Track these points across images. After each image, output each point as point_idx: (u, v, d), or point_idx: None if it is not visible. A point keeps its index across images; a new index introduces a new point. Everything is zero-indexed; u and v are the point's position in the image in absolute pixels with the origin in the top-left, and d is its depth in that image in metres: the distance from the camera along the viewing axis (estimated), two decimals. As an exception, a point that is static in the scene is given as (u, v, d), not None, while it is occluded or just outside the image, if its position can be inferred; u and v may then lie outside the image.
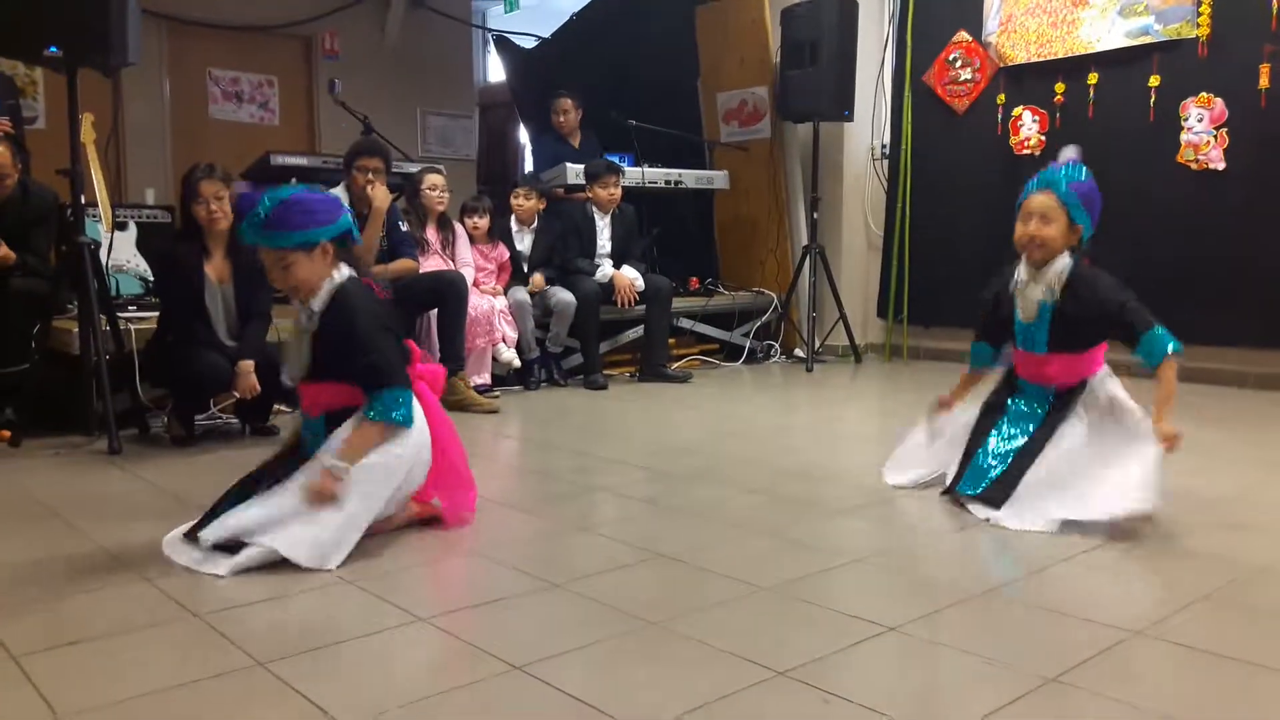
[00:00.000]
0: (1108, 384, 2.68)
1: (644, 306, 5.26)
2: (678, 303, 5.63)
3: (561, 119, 6.01)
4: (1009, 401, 2.74)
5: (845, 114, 5.86)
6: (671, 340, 5.62)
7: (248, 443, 3.60)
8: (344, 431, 2.29)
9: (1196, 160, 4.82)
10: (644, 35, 7.10)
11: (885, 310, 6.13)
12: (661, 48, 6.92)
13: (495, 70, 8.77)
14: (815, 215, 5.92)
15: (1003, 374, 2.83)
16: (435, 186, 4.66)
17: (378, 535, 2.40)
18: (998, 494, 2.55)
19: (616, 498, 2.89)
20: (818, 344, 5.97)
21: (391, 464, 2.29)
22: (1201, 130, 4.80)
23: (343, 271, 2.36)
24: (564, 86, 6.12)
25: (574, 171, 5.56)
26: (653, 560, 2.25)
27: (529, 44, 8.24)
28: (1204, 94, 4.79)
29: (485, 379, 4.63)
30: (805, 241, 6.01)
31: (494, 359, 4.71)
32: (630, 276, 5.21)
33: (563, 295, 4.92)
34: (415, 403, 2.35)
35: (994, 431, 2.69)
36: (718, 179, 6.26)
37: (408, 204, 4.73)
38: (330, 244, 2.33)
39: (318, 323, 2.33)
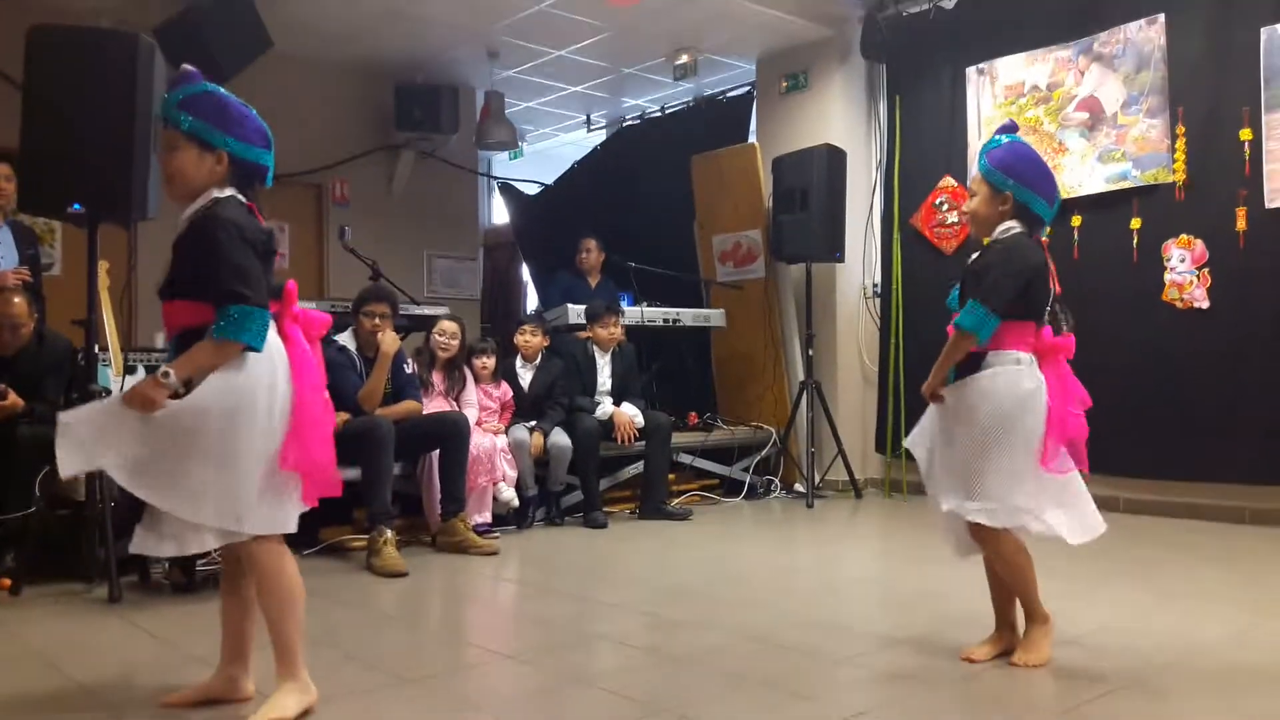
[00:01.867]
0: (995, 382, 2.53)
1: (644, 442, 5.30)
2: (677, 438, 5.67)
3: (584, 256, 6.34)
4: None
5: (836, 255, 6.05)
6: (671, 475, 5.64)
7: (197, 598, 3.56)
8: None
9: (1181, 299, 4.95)
10: (642, 181, 7.40)
11: (884, 445, 6.17)
12: (659, 193, 7.20)
13: (499, 212, 9.07)
14: (810, 351, 6.03)
15: None
16: (444, 332, 4.78)
17: (365, 695, 2.38)
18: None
19: (616, 647, 2.88)
20: (818, 479, 5.98)
21: (231, 401, 2.09)
22: (1184, 270, 4.95)
23: (226, 191, 2.20)
24: (587, 228, 6.48)
25: (575, 312, 5.70)
26: (654, 716, 2.23)
27: (532, 189, 8.56)
28: (1184, 235, 4.96)
29: (486, 517, 4.63)
30: (802, 377, 6.11)
31: (494, 498, 4.72)
32: (630, 414, 5.28)
33: (559, 439, 4.96)
34: (271, 336, 2.17)
35: None
36: (714, 317, 6.41)
37: (423, 344, 4.86)
38: (229, 159, 2.19)
39: (182, 229, 2.18)
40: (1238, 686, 2.40)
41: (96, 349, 3.70)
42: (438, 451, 4.37)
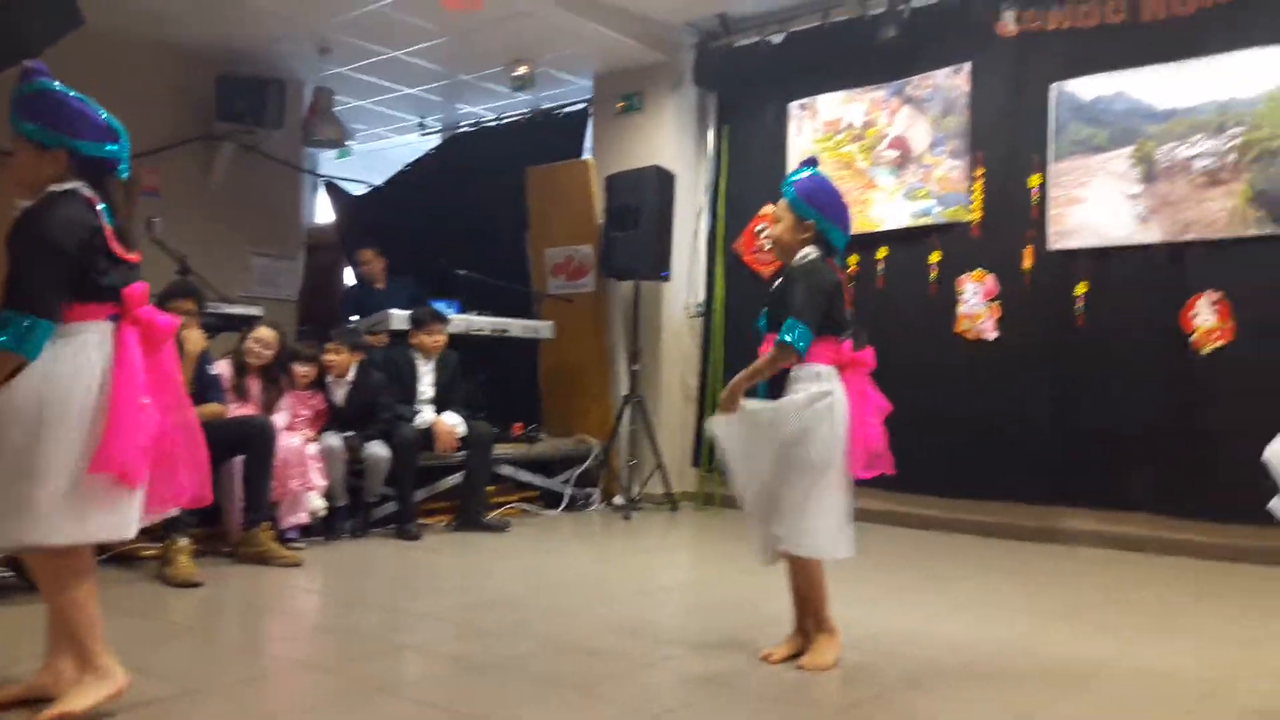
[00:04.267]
0: (811, 386, 2.69)
1: (464, 453, 5.25)
2: (500, 449, 5.65)
3: (364, 269, 6.40)
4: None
5: (663, 274, 6.20)
6: (491, 487, 5.60)
7: (28, 598, 3.32)
8: None
9: (972, 330, 5.34)
10: (476, 188, 7.35)
11: (700, 459, 6.35)
12: (493, 202, 7.17)
13: (325, 211, 8.79)
14: (635, 367, 6.15)
15: None
16: (259, 340, 4.57)
17: (155, 706, 2.27)
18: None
19: (423, 656, 2.84)
20: (636, 492, 6.09)
21: (34, 411, 2.04)
22: (976, 303, 5.35)
23: (68, 185, 2.16)
24: (368, 237, 6.55)
25: (399, 317, 5.60)
26: (454, 722, 2.22)
27: (360, 190, 8.35)
28: (978, 270, 5.35)
29: (303, 518, 4.46)
30: (626, 391, 6.21)
31: (303, 505, 4.56)
32: (451, 423, 5.21)
33: (376, 449, 4.84)
34: (96, 340, 2.14)
35: None
36: (543, 329, 6.43)
37: (237, 348, 4.65)
38: (68, 156, 2.16)
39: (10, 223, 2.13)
40: (1009, 686, 2.61)
41: None
42: (241, 458, 4.19)
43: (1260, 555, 4.43)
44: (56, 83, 2.21)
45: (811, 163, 2.92)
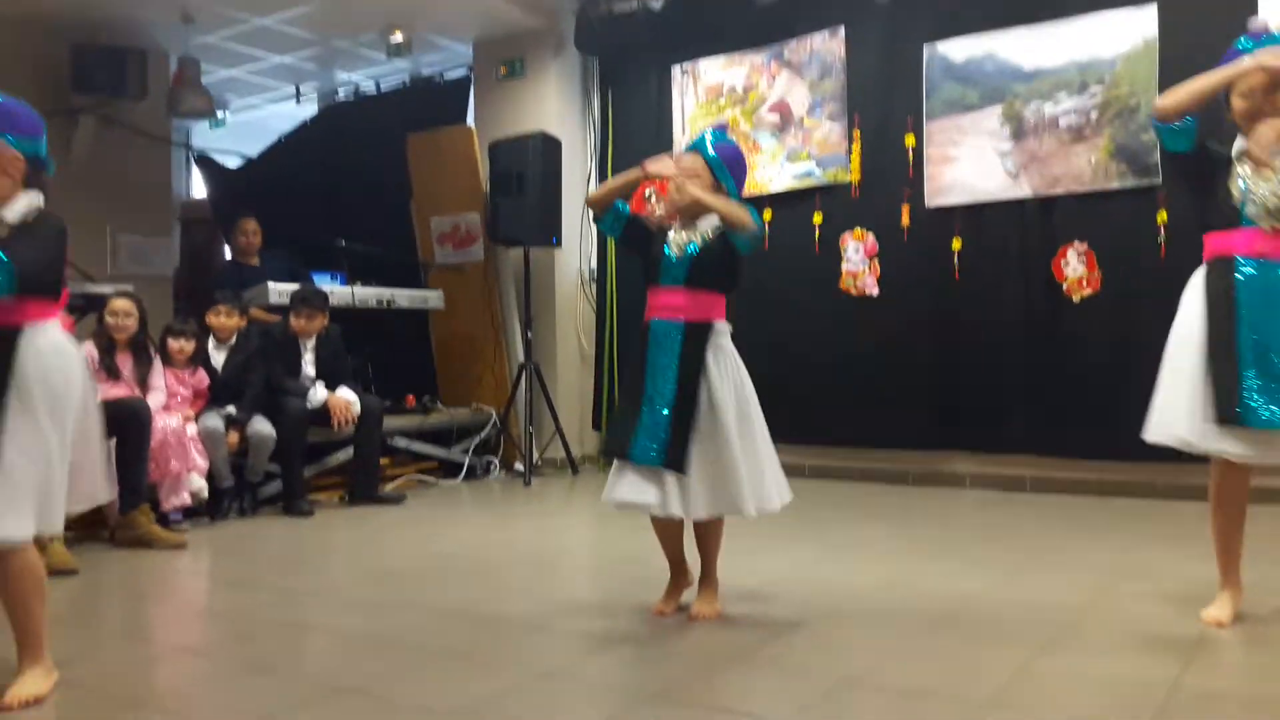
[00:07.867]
0: (729, 342, 2.82)
1: (353, 428, 5.15)
2: (395, 421, 5.56)
3: (244, 239, 6.03)
4: (646, 355, 2.85)
5: (553, 240, 6.16)
6: (387, 460, 5.52)
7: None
8: None
9: (855, 287, 5.47)
10: (355, 157, 7.17)
11: (599, 422, 6.37)
12: (373, 170, 7.00)
13: (200, 185, 8.46)
14: (530, 334, 6.12)
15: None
16: (116, 312, 4.38)
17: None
18: (676, 459, 2.71)
19: (306, 633, 2.80)
20: (536, 457, 6.08)
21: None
22: (858, 260, 5.47)
23: (38, 198, 2.29)
24: (247, 207, 6.20)
25: (276, 290, 5.44)
26: (332, 697, 2.19)
27: (235, 162, 8.05)
28: (858, 229, 5.47)
29: (185, 499, 4.32)
30: (521, 359, 6.18)
31: (184, 486, 4.41)
32: (349, 398, 5.09)
33: (261, 427, 4.72)
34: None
35: (645, 396, 2.80)
36: (432, 299, 6.33)
37: (97, 328, 4.45)
38: (21, 158, 2.26)
39: (5, 232, 2.24)
40: (878, 624, 2.71)
41: None
42: (116, 441, 4.03)
43: (1131, 489, 4.69)
44: None
45: (724, 129, 2.96)
